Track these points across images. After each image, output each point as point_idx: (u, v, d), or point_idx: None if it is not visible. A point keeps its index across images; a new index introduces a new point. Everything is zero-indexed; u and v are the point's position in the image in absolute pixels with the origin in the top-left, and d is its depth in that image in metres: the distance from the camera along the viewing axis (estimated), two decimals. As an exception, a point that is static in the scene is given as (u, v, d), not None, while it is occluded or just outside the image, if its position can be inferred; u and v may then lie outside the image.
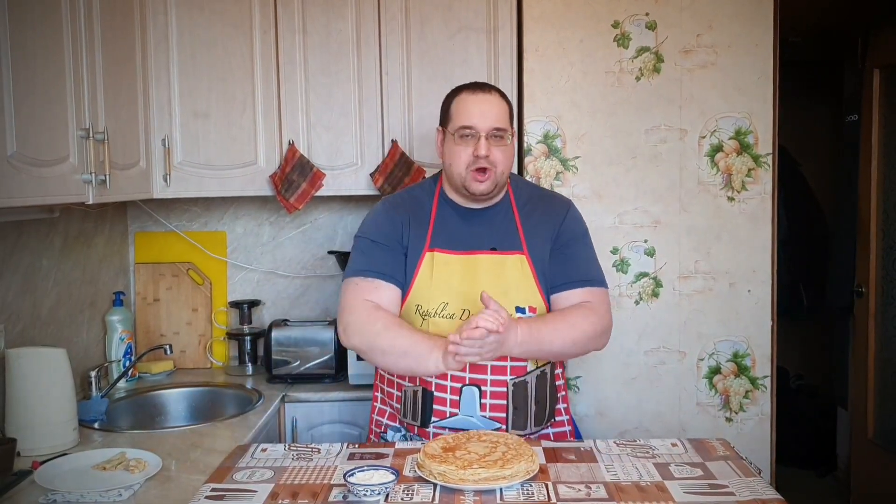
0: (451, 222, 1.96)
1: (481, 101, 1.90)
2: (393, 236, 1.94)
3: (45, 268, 2.33)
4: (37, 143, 1.70)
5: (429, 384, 1.90)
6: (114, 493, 1.62)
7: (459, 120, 1.89)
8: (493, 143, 1.87)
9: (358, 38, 2.63)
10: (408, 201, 2.02)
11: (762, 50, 2.61)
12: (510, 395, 1.89)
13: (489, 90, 1.93)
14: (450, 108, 1.94)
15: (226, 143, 2.60)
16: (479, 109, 1.88)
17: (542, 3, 2.60)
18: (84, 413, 2.20)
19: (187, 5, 2.55)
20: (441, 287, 1.89)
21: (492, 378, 1.88)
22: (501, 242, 1.94)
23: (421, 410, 1.92)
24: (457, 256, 1.91)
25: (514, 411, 1.89)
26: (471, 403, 1.88)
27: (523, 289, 1.91)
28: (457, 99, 1.93)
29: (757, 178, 2.64)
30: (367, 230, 1.99)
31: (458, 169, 1.89)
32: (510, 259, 1.92)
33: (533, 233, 1.96)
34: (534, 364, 1.92)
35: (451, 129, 1.92)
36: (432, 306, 1.89)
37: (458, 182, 1.91)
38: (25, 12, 1.65)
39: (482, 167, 1.86)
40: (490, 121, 1.87)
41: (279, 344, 2.73)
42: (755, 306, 2.67)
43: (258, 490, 1.56)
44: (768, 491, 1.53)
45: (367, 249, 1.95)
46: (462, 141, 1.88)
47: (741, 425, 2.68)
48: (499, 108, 1.90)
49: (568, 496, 1.51)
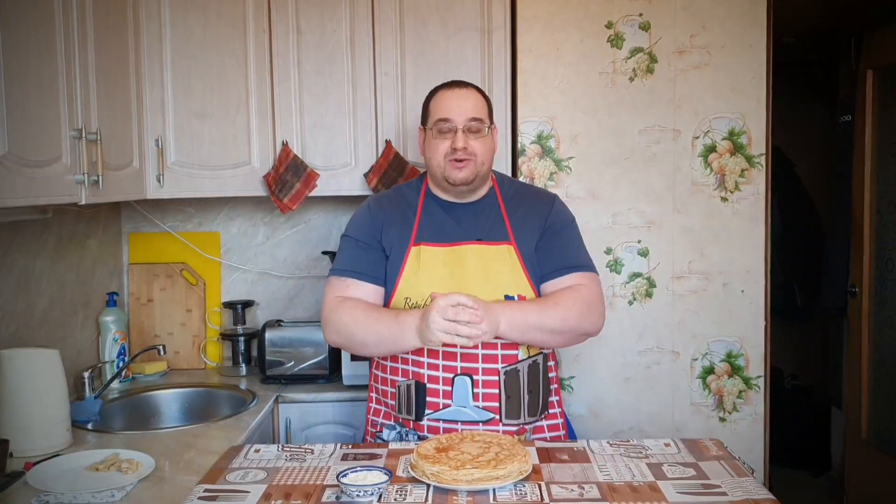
0: (437, 216, 1.99)
1: (457, 95, 1.95)
2: (374, 235, 1.98)
3: (39, 268, 2.33)
4: (29, 143, 1.69)
5: (421, 377, 1.91)
6: (106, 493, 1.61)
7: (436, 114, 1.95)
8: (471, 136, 1.92)
9: (352, 39, 2.63)
10: (393, 198, 2.06)
11: (756, 51, 2.62)
12: (502, 383, 1.90)
13: (465, 86, 1.98)
14: (428, 106, 2.00)
15: (219, 143, 2.60)
16: (456, 103, 1.93)
17: (536, 4, 2.61)
18: (77, 414, 2.20)
19: (181, 5, 2.54)
20: (429, 279, 1.91)
21: (483, 367, 1.89)
22: (488, 233, 1.96)
23: (415, 404, 1.93)
24: (443, 248, 1.94)
25: (507, 400, 1.90)
26: (463, 393, 1.89)
27: (511, 278, 1.93)
28: (435, 97, 1.99)
29: (750, 178, 2.65)
30: (350, 229, 2.03)
31: (437, 160, 1.94)
32: (498, 249, 1.94)
33: (520, 224, 1.98)
34: (525, 353, 1.93)
35: (430, 124, 1.97)
36: (421, 299, 1.90)
37: (439, 173, 1.95)
38: (17, 11, 1.65)
39: (460, 157, 1.90)
40: (466, 113, 1.92)
41: (273, 344, 2.72)
42: (749, 306, 2.67)
43: (251, 491, 1.56)
44: (760, 491, 1.53)
45: (347, 249, 2.01)
46: (440, 135, 1.93)
47: (735, 425, 2.69)
48: (474, 101, 1.95)
49: (561, 496, 1.51)
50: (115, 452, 1.83)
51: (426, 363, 1.90)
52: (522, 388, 1.93)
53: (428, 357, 1.90)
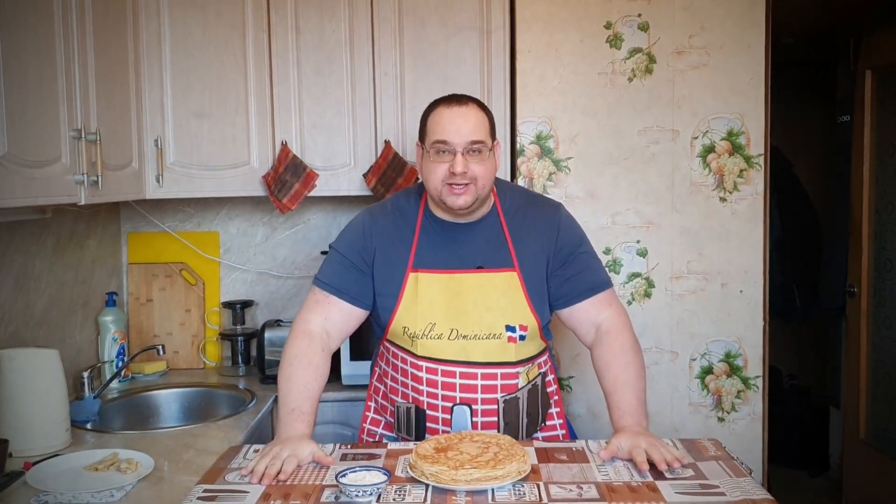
0: (436, 240, 1.90)
1: (457, 114, 1.79)
2: (363, 257, 1.90)
3: (38, 269, 2.33)
4: (28, 143, 1.70)
5: (421, 403, 1.89)
6: (106, 493, 1.62)
7: (434, 134, 1.80)
8: (471, 159, 1.78)
9: (351, 39, 2.63)
10: (390, 214, 1.95)
11: (754, 51, 2.62)
12: (501, 411, 1.87)
13: (466, 102, 1.82)
14: (426, 123, 1.85)
15: (219, 143, 2.60)
16: (455, 125, 1.78)
17: (535, 5, 2.61)
18: (76, 414, 2.20)
19: (180, 5, 2.54)
20: (427, 308, 1.85)
21: (482, 397, 1.86)
22: (490, 259, 1.88)
23: (415, 428, 1.91)
24: (441, 276, 1.86)
25: (506, 426, 1.88)
26: (462, 422, 1.86)
27: (513, 307, 1.86)
28: (433, 113, 1.84)
29: (749, 178, 2.65)
30: (340, 243, 1.94)
31: (435, 184, 1.81)
32: (499, 277, 1.87)
33: (524, 246, 1.90)
34: (525, 379, 1.90)
35: (427, 144, 1.83)
36: (419, 328, 1.85)
37: (436, 197, 1.84)
38: (17, 12, 1.65)
39: (459, 182, 1.79)
40: (466, 136, 1.78)
41: (272, 344, 2.73)
42: (747, 306, 2.68)
43: (250, 491, 1.56)
44: (758, 491, 1.54)
45: (333, 262, 1.92)
46: (438, 157, 1.79)
47: (733, 425, 2.69)
48: (475, 121, 1.80)
49: (559, 496, 1.51)
50: (114, 452, 1.83)
51: (425, 391, 1.87)
52: (521, 412, 1.90)
53: (427, 386, 1.87)
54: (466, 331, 1.84)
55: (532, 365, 1.93)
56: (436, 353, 1.85)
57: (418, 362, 1.87)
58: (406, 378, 1.91)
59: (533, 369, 1.93)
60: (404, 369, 1.91)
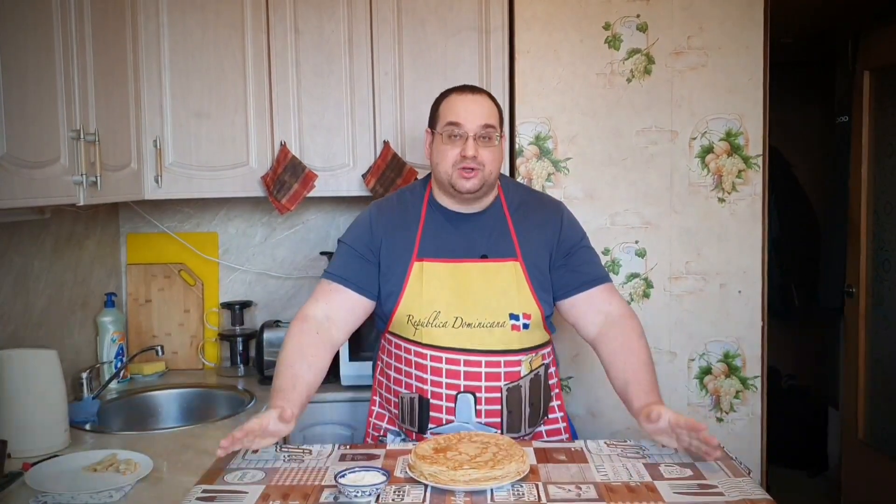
0: (440, 229, 1.94)
1: (470, 100, 1.89)
2: (370, 248, 1.94)
3: (37, 269, 2.33)
4: (27, 144, 1.70)
5: (425, 392, 1.90)
6: (105, 494, 1.62)
7: (447, 117, 1.88)
8: (481, 144, 1.86)
9: (350, 39, 2.63)
10: (396, 206, 2.00)
11: (753, 52, 2.63)
12: (504, 400, 1.89)
13: (478, 92, 1.93)
14: (438, 109, 1.93)
15: (217, 143, 2.60)
16: (467, 108, 1.87)
17: (533, 5, 2.61)
18: (75, 414, 2.20)
19: (179, 5, 2.54)
20: (431, 296, 1.88)
21: (486, 385, 1.88)
22: (494, 249, 1.92)
23: (418, 417, 1.92)
24: (446, 265, 1.90)
25: (509, 415, 1.89)
26: (466, 410, 1.88)
27: (517, 296, 1.90)
28: (446, 100, 1.93)
29: (747, 179, 2.66)
30: (349, 236, 2.00)
31: (445, 167, 1.88)
32: (503, 266, 1.91)
33: (527, 238, 1.94)
34: (528, 367, 1.92)
35: (439, 127, 1.90)
36: (424, 316, 1.88)
37: (445, 180, 1.89)
38: (15, 12, 1.65)
39: (469, 166, 1.85)
40: (478, 119, 1.86)
41: (271, 345, 2.72)
42: (746, 307, 2.68)
43: (249, 491, 1.56)
44: (757, 491, 1.54)
45: (342, 254, 1.98)
46: (450, 141, 1.87)
47: (732, 425, 2.70)
48: (487, 108, 1.90)
49: (558, 496, 1.51)
50: (113, 453, 1.83)
51: (429, 380, 1.89)
52: (524, 401, 1.92)
53: (431, 374, 1.88)
54: (471, 319, 1.87)
55: (535, 354, 1.94)
56: (440, 341, 1.86)
57: (423, 351, 1.89)
58: (410, 368, 1.92)
59: (536, 359, 1.95)
60: (408, 359, 1.92)
